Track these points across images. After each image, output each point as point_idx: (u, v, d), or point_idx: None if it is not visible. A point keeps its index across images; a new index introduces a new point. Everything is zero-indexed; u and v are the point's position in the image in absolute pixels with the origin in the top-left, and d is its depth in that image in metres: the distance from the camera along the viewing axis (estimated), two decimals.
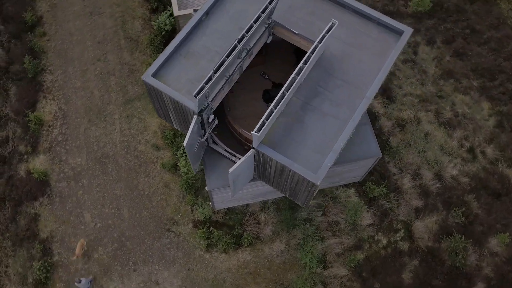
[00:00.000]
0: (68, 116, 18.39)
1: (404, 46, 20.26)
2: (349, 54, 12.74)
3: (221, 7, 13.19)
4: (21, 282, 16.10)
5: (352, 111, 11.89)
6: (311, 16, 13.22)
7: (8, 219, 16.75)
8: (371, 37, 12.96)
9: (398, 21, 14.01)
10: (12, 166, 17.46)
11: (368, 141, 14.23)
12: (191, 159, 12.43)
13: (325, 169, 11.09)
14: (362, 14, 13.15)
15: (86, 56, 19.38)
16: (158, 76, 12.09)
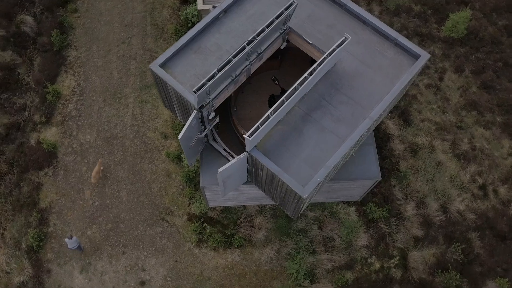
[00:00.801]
0: (85, 93, 18.80)
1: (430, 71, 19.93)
2: (361, 72, 12.48)
3: (240, 7, 13.17)
4: (15, 247, 16.57)
5: (353, 129, 11.64)
6: (329, 29, 13.02)
7: (13, 184, 17.27)
8: (387, 58, 12.66)
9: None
10: (24, 134, 17.99)
11: (369, 162, 13.92)
12: (186, 153, 12.48)
13: (314, 183, 10.91)
14: (381, 32, 12.86)
15: (111, 37, 19.75)
16: (165, 67, 12.18)
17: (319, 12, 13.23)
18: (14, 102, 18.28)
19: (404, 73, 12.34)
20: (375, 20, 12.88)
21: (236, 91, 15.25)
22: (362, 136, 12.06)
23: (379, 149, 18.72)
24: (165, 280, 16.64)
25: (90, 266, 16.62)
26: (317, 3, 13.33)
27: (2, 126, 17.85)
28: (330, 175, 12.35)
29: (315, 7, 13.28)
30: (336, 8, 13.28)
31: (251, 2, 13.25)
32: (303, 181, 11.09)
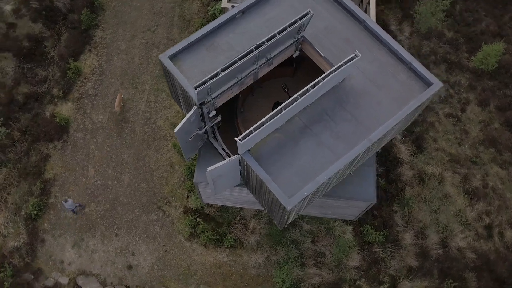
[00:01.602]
0: (104, 74, 19.20)
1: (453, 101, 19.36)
2: (369, 91, 12.22)
3: (259, 9, 13.12)
4: (15, 212, 17.10)
5: (350, 148, 11.42)
6: (344, 43, 12.82)
7: (23, 151, 17.82)
8: (398, 81, 12.35)
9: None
10: (41, 105, 18.53)
11: (366, 184, 13.63)
12: (183, 146, 12.54)
13: (300, 196, 10.77)
14: (396, 54, 12.56)
15: (138, 23, 20.10)
16: (175, 60, 12.27)
17: (337, 25, 13.04)
18: (36, 73, 18.86)
19: (413, 99, 12.01)
20: (392, 41, 12.59)
21: (246, 93, 15.25)
22: (359, 157, 11.81)
23: (386, 172, 18.36)
24: (152, 268, 16.81)
25: (83, 242, 16.97)
26: (336, 16, 13.15)
27: (22, 95, 18.44)
28: (322, 190, 12.17)
29: (333, 20, 13.10)
30: (355, 23, 13.06)
31: (271, 6, 13.19)
32: (290, 192, 10.97)
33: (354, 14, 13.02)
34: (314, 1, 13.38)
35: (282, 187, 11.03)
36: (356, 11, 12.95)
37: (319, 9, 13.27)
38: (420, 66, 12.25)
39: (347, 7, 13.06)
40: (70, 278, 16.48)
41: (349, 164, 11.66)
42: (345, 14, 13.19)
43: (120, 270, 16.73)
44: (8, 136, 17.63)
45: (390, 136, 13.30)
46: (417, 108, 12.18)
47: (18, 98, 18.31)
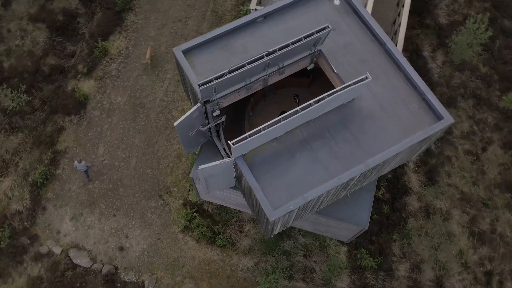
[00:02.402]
0: (130, 58, 19.57)
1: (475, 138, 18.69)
2: (376, 115, 11.94)
3: (281, 16, 13.04)
4: (23, 177, 17.67)
5: (345, 170, 11.20)
6: (361, 64, 12.57)
7: (40, 120, 18.40)
8: (409, 109, 12.01)
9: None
10: (65, 79, 19.08)
11: (361, 208, 13.34)
12: (182, 140, 12.64)
13: (285, 210, 10.65)
14: (412, 82, 12.23)
15: (171, 12, 20.37)
16: (188, 54, 12.36)
17: (357, 44, 12.81)
18: (65, 47, 19.43)
19: (420, 131, 11.65)
20: (410, 68, 12.26)
21: (258, 97, 15.21)
22: (354, 180, 11.57)
23: (392, 199, 17.94)
24: (142, 253, 17.04)
25: (81, 216, 17.37)
26: (358, 34, 12.92)
27: (48, 66, 19.04)
28: (311, 207, 11.99)
29: (354, 38, 12.87)
30: (375, 44, 12.79)
31: (294, 15, 13.09)
32: (276, 204, 10.86)
33: (376, 35, 12.76)
34: (339, 17, 13.20)
35: (269, 197, 10.94)
36: (379, 33, 12.69)
37: (342, 25, 13.08)
38: (434, 98, 11.89)
39: (370, 27, 12.82)
40: (63, 249, 16.90)
41: (342, 185, 11.43)
42: (368, 34, 12.95)
43: (112, 250, 17.03)
44: (28, 103, 18.25)
45: (392, 165, 12.96)
46: (423, 141, 11.82)
47: (44, 68, 18.92)
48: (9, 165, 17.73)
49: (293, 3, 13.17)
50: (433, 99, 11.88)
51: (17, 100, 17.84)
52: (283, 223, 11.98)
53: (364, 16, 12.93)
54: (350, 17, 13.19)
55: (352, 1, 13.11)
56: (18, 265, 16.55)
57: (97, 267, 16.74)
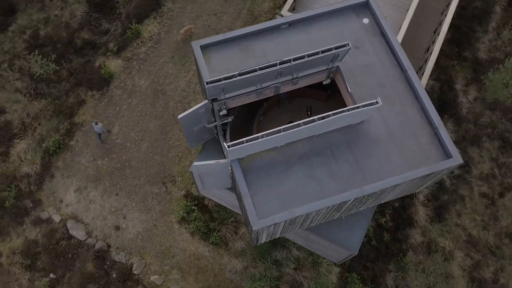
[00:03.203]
0: (160, 43, 19.80)
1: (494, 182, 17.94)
2: (383, 142, 11.59)
3: (306, 27, 12.87)
4: (38, 142, 18.17)
5: (339, 192, 10.94)
6: (378, 87, 12.25)
7: (64, 90, 18.89)
8: (418, 142, 11.61)
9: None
10: (95, 54, 19.50)
11: (353, 233, 13.00)
12: (186, 134, 12.68)
13: (269, 221, 10.50)
14: (426, 115, 11.81)
15: (207, 5, 20.47)
16: (206, 50, 12.38)
17: (378, 67, 12.48)
18: (101, 24, 19.85)
19: (425, 166, 11.23)
20: (427, 100, 11.84)
21: (272, 103, 15.06)
22: (348, 203, 11.29)
23: (395, 228, 17.46)
24: (136, 236, 17.24)
25: (85, 190, 17.74)
26: (381, 56, 12.59)
27: (81, 40, 19.51)
28: (299, 223, 11.77)
29: (377, 60, 12.55)
30: (397, 70, 12.43)
31: (319, 27, 12.88)
32: (262, 213, 10.73)
33: (399, 61, 12.40)
34: (365, 36, 12.90)
35: (257, 205, 10.83)
36: (402, 59, 12.32)
37: (366, 45, 12.78)
38: (446, 135, 11.44)
39: (395, 51, 12.47)
40: (63, 218, 17.32)
41: (334, 207, 11.18)
42: (391, 58, 12.60)
43: (108, 227, 17.31)
44: (56, 72, 18.76)
45: (392, 195, 12.57)
46: (427, 176, 11.40)
47: (77, 41, 19.40)
48: (27, 128, 18.29)
49: (321, 15, 12.99)
50: (445, 135, 11.44)
51: (45, 68, 18.37)
52: (268, 234, 11.84)
53: (391, 40, 12.59)
54: (376, 38, 12.87)
55: (381, 22, 12.79)
56: (18, 226, 17.07)
57: (91, 241, 17.07)
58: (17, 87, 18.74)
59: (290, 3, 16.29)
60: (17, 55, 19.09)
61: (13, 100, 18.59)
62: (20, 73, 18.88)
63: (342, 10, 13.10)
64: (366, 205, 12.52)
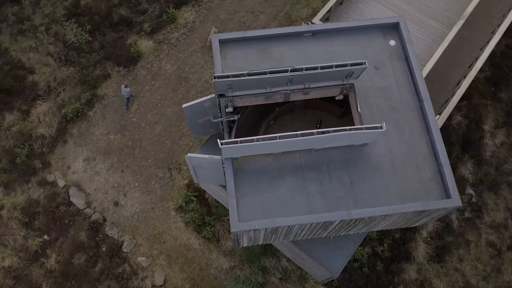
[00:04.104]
0: (193, 32, 19.95)
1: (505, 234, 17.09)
2: (383, 170, 11.18)
3: (330, 38, 12.60)
4: (58, 107, 18.65)
5: (325, 211, 10.65)
6: (390, 111, 11.85)
7: (92, 61, 19.34)
8: (420, 176, 11.14)
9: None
10: (128, 32, 19.86)
11: (337, 256, 12.65)
12: (190, 124, 12.70)
13: (249, 226, 10.34)
14: (434, 149, 11.33)
15: (246, 2, 20.45)
16: (224, 45, 12.35)
17: (395, 92, 12.07)
18: (140, 3, 20.20)
19: (421, 201, 10.78)
20: (438, 135, 11.34)
21: (286, 110, 14.87)
22: (334, 224, 10.98)
23: (391, 259, 16.91)
24: (132, 215, 17.45)
25: (94, 161, 18.10)
26: (400, 82, 12.17)
27: (118, 15, 19.91)
28: (282, 234, 11.55)
29: (394, 84, 12.14)
30: (413, 99, 11.98)
31: (342, 41, 12.59)
32: (244, 217, 10.59)
33: (418, 90, 11.96)
34: (388, 58, 12.51)
35: (241, 208, 10.69)
36: (421, 88, 11.88)
37: (387, 67, 12.39)
38: (449, 174, 10.93)
39: (415, 79, 12.04)
40: (67, 184, 17.74)
41: (319, 225, 10.90)
42: (410, 85, 12.16)
43: (108, 202, 17.60)
44: (88, 43, 19.23)
45: (384, 224, 12.14)
46: (421, 213, 10.95)
47: (114, 16, 19.81)
48: (51, 92, 18.85)
49: (347, 29, 12.70)
50: (449, 174, 10.93)
51: (79, 37, 18.87)
52: (250, 239, 11.68)
53: (413, 66, 12.15)
54: (399, 62, 12.46)
55: (407, 47, 12.37)
56: (24, 184, 17.61)
57: (88, 212, 17.40)
58: (50, 51, 19.34)
59: (323, 13, 16.03)
60: (55, 20, 19.70)
61: (44, 63, 19.19)
62: (54, 38, 19.48)
63: (369, 28, 12.75)
64: (355, 229, 12.16)
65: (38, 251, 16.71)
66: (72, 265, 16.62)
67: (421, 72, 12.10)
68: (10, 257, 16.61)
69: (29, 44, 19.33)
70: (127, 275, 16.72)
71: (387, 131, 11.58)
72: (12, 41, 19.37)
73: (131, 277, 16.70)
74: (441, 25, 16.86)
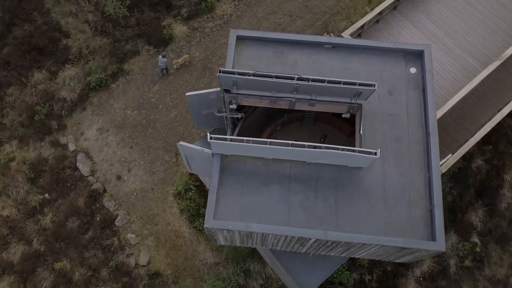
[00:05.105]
0: (227, 24, 19.97)
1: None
2: (372, 197, 10.80)
3: (349, 53, 12.28)
4: (84, 74, 19.10)
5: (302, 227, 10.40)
6: (393, 141, 11.42)
7: (125, 37, 19.72)
8: (410, 211, 10.68)
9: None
10: (166, 14, 20.12)
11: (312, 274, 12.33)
12: (193, 113, 12.74)
13: (223, 225, 10.25)
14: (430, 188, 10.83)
15: (287, 5, 20.23)
16: (241, 42, 12.28)
17: (403, 121, 11.62)
18: None
19: (403, 238, 10.33)
20: (437, 174, 10.84)
21: (295, 118, 14.63)
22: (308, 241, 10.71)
23: None
24: (132, 192, 17.70)
25: (106, 132, 18.48)
26: (411, 112, 11.70)
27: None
28: (257, 240, 11.38)
29: (405, 113, 11.68)
30: (421, 131, 11.49)
31: (362, 59, 12.24)
32: (220, 215, 10.50)
33: (428, 124, 11.46)
34: (405, 86, 12.08)
35: (219, 205, 10.61)
36: (431, 123, 11.41)
37: (402, 94, 11.96)
38: (440, 216, 10.43)
39: (427, 112, 11.55)
40: (77, 149, 18.20)
41: (294, 239, 10.67)
42: (421, 117, 11.70)
43: (111, 174, 17.94)
44: (125, 18, 19.64)
45: (364, 253, 11.72)
46: (402, 249, 10.50)
47: None
48: (81, 59, 19.37)
49: (369, 48, 12.35)
50: (439, 216, 10.43)
51: (117, 10, 19.29)
52: (225, 238, 11.57)
53: (428, 99, 11.67)
54: (415, 92, 11.99)
55: (426, 78, 11.89)
56: (38, 141, 18.21)
57: (91, 180, 17.79)
58: (88, 19, 19.88)
59: (355, 28, 15.63)
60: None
61: (80, 29, 19.74)
62: (95, 7, 20.00)
63: (392, 51, 12.35)
64: (335, 251, 11.81)
65: (36, 207, 17.25)
66: (65, 228, 17.06)
67: (435, 107, 11.60)
68: (10, 207, 17.23)
69: (70, 9, 19.93)
70: (114, 248, 16.99)
71: (386, 160, 11.19)
72: (55, 3, 20.03)
73: (118, 251, 16.96)
74: (476, 62, 16.11)
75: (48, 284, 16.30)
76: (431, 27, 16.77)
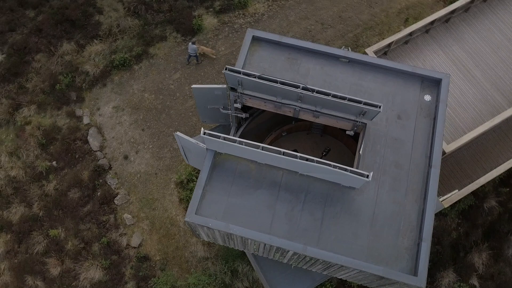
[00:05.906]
0: (258, 23, 19.87)
1: None
2: (361, 219, 10.47)
3: (363, 70, 11.92)
4: (110, 52, 19.43)
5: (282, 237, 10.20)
6: (393, 165, 11.02)
7: (155, 22, 19.94)
8: (397, 240, 10.26)
9: None
10: (198, 4, 20.22)
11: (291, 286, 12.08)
12: (198, 105, 12.70)
13: (203, 221, 10.16)
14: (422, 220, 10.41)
15: (320, 12, 19.94)
16: (256, 42, 12.12)
17: (407, 148, 11.20)
18: None
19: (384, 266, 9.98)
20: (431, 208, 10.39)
21: (303, 127, 14.39)
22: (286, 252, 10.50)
23: None
24: (136, 173, 17.90)
25: (121, 111, 18.75)
26: (418, 139, 11.26)
27: None
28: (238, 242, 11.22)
29: (411, 140, 11.25)
30: (423, 161, 11.03)
31: (377, 78, 11.88)
32: (202, 211, 10.42)
33: (432, 154, 11.01)
34: (416, 112, 11.63)
35: (204, 201, 10.54)
36: (435, 154, 10.93)
37: (411, 120, 11.53)
38: (426, 252, 10.01)
39: (433, 142, 11.10)
40: (90, 123, 18.55)
41: (273, 248, 10.48)
42: (426, 147, 11.23)
43: (119, 152, 18.19)
44: (158, 2, 19.86)
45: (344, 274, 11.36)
46: (381, 278, 10.13)
47: None
48: (110, 36, 19.71)
49: (386, 68, 11.94)
50: (425, 252, 10.00)
51: None
52: (206, 234, 11.48)
53: (437, 130, 11.21)
54: (425, 120, 11.55)
55: (439, 107, 11.42)
56: (55, 109, 18.66)
57: (99, 155, 18.10)
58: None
59: (380, 46, 15.22)
60: None
61: (113, 8, 20.09)
62: None
63: (409, 75, 11.92)
64: (315, 268, 11.54)
65: (43, 173, 17.68)
66: (65, 197, 17.42)
67: (442, 138, 11.14)
68: (18, 169, 17.74)
69: None
70: (109, 225, 17.23)
71: (382, 184, 10.83)
72: None
73: (112, 228, 17.18)
74: (503, 99, 15.40)
75: (40, 249, 16.69)
76: (461, 56, 16.15)
